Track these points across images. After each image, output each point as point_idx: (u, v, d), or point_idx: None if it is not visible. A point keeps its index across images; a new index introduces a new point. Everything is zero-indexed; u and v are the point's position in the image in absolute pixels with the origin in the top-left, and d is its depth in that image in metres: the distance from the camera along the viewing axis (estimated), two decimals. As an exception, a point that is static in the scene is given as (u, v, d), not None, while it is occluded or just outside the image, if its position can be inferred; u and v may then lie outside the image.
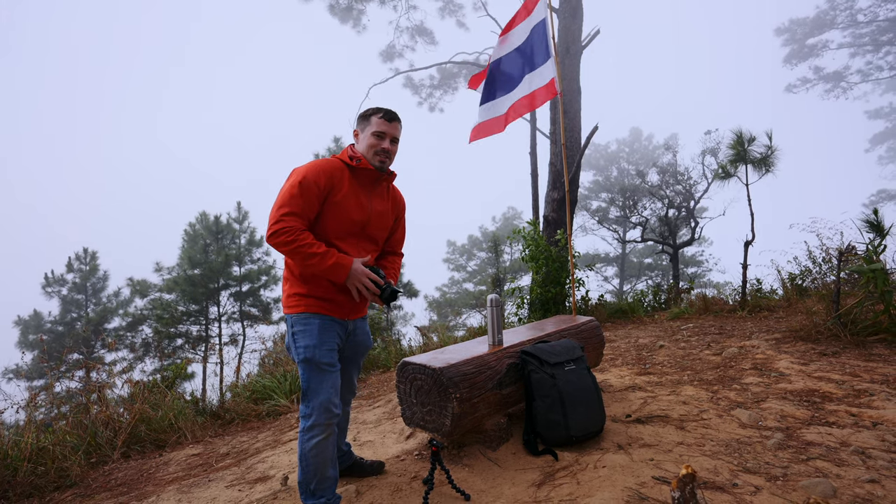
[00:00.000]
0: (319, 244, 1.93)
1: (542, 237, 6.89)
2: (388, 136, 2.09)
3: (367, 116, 2.12)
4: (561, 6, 8.86)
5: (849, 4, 21.68)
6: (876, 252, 4.02)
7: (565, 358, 2.57)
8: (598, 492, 1.95)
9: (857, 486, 1.88)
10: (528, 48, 4.36)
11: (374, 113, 2.11)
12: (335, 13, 17.06)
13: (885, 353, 3.57)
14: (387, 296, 2.00)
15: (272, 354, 6.19)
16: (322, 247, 1.92)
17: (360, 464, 2.44)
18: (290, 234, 1.88)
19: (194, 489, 2.74)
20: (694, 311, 6.34)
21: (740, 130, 6.49)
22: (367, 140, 2.09)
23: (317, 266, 1.91)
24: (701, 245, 22.66)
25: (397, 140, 2.14)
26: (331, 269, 1.91)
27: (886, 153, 32.09)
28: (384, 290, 2.00)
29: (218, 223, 14.28)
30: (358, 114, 2.17)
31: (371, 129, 2.09)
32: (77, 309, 15.14)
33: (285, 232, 1.88)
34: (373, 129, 2.08)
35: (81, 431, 3.72)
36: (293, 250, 1.88)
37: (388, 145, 2.09)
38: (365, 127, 2.11)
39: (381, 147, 2.08)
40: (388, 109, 2.12)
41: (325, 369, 1.98)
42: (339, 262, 1.92)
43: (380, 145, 2.08)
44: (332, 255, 1.92)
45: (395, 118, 2.12)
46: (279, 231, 1.88)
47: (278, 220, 1.89)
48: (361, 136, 2.13)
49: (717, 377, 3.40)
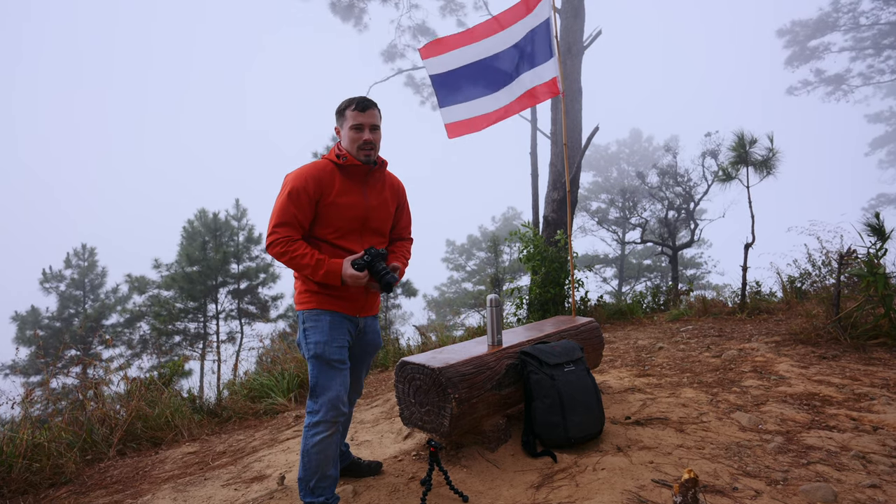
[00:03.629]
0: (311, 253, 1.93)
1: (540, 238, 6.88)
2: (366, 126, 2.05)
3: (342, 111, 2.09)
4: (563, 6, 8.84)
5: (852, 7, 21.68)
6: (877, 256, 4.01)
7: (565, 359, 2.56)
8: (597, 494, 1.93)
9: (858, 490, 1.86)
10: (528, 46, 4.30)
11: (347, 106, 2.07)
12: (336, 11, 17.03)
13: (885, 356, 3.56)
14: (383, 285, 1.97)
15: (270, 352, 6.16)
16: (313, 256, 1.92)
17: (357, 464, 2.43)
18: (283, 245, 1.93)
19: (190, 488, 2.72)
20: (693, 313, 6.33)
21: (742, 132, 6.47)
22: (347, 135, 2.06)
23: (312, 276, 1.95)
24: (700, 247, 22.66)
25: (377, 127, 2.10)
26: (324, 278, 1.94)
27: (887, 157, 32.16)
28: (380, 280, 1.96)
29: (216, 220, 14.26)
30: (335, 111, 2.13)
31: (348, 123, 2.06)
32: (75, 305, 15.11)
33: (279, 243, 1.94)
34: (349, 122, 2.05)
35: (77, 428, 3.69)
36: (287, 261, 1.94)
37: (369, 135, 2.05)
38: (343, 122, 2.09)
39: (362, 140, 2.04)
40: (360, 98, 2.07)
41: (335, 366, 1.98)
42: (329, 271, 1.93)
43: (361, 138, 2.04)
44: (322, 265, 1.92)
45: (368, 105, 2.06)
46: (273, 243, 1.95)
47: (272, 233, 1.96)
48: (342, 132, 2.10)
49: (717, 380, 3.39)
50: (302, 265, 1.92)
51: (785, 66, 24.26)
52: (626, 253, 24.60)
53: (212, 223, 14.18)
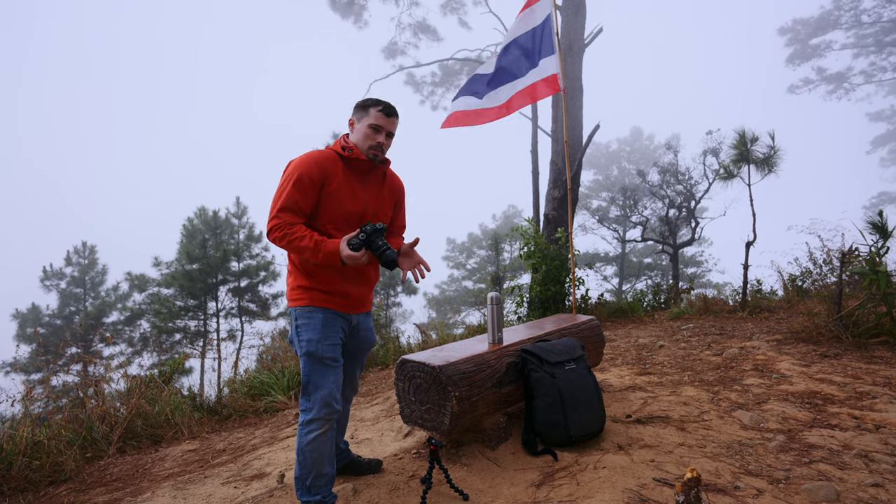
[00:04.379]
0: (310, 235, 1.91)
1: (541, 235, 6.86)
2: (384, 131, 2.07)
3: (365, 107, 2.08)
4: (564, 3, 8.81)
5: (854, 4, 21.60)
6: (879, 254, 3.99)
7: (566, 357, 2.55)
8: (598, 493, 1.92)
9: (860, 489, 1.85)
10: (528, 42, 4.27)
11: (373, 105, 2.07)
12: (336, 8, 16.99)
13: (887, 355, 3.55)
14: (383, 262, 1.94)
15: (270, 350, 6.16)
16: (312, 238, 1.90)
17: (357, 462, 2.42)
18: (283, 229, 1.91)
19: (190, 485, 2.72)
20: (694, 312, 6.32)
21: (743, 130, 6.45)
22: (362, 131, 2.06)
23: (311, 259, 1.92)
24: (701, 245, 22.64)
25: (392, 135, 2.12)
26: (324, 259, 1.90)
27: (888, 155, 32.08)
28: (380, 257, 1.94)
29: (216, 218, 14.24)
30: (356, 102, 2.13)
31: (368, 120, 2.05)
32: (75, 303, 15.12)
33: (279, 228, 1.92)
34: (370, 121, 2.05)
35: (77, 426, 3.69)
36: (287, 245, 1.92)
37: (384, 139, 2.07)
38: (362, 117, 2.08)
39: (376, 141, 2.05)
40: (387, 103, 2.08)
41: (327, 364, 1.97)
42: (329, 252, 1.89)
43: (375, 139, 2.05)
44: (322, 247, 1.89)
45: (393, 113, 2.09)
46: (274, 227, 1.93)
47: (273, 217, 1.94)
48: (357, 125, 2.10)
49: (718, 378, 3.38)
50: (301, 248, 1.89)
51: (786, 64, 24.18)
52: (626, 251, 24.57)
53: (212, 221, 14.17)
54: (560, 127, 8.60)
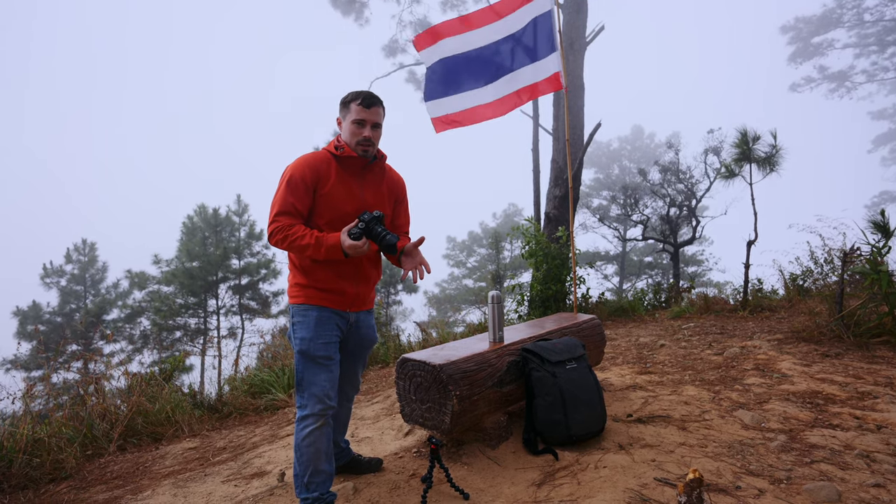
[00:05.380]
0: (310, 233, 1.91)
1: (542, 234, 6.85)
2: (368, 123, 2.04)
3: (346, 103, 2.07)
4: (566, 1, 8.78)
5: (856, 3, 21.53)
6: (881, 253, 3.98)
7: (567, 356, 2.54)
8: (599, 492, 1.92)
9: (862, 490, 1.85)
10: (528, 38, 4.18)
11: (352, 99, 2.05)
12: (337, 6, 16.94)
13: (888, 355, 3.54)
14: (384, 248, 1.94)
15: (271, 348, 6.16)
16: (312, 235, 1.91)
17: (357, 460, 2.42)
18: (282, 231, 1.93)
19: (190, 483, 2.72)
20: (695, 311, 6.31)
21: (744, 129, 6.43)
22: (348, 129, 2.05)
23: (315, 255, 1.93)
24: (702, 244, 22.62)
25: (379, 125, 2.08)
26: (327, 253, 1.91)
27: (890, 154, 31.99)
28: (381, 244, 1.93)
29: (217, 216, 14.24)
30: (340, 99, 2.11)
31: (351, 116, 2.04)
32: (76, 300, 15.12)
33: (279, 231, 1.94)
34: (352, 116, 2.04)
35: (78, 423, 3.69)
36: (288, 246, 1.93)
37: (370, 132, 2.04)
38: (346, 115, 2.07)
39: (362, 136, 2.03)
40: (366, 93, 2.05)
41: (320, 362, 1.98)
42: (331, 245, 1.89)
43: (361, 134, 2.03)
44: (323, 242, 1.89)
45: (374, 103, 2.05)
46: (274, 231, 1.95)
47: (272, 223, 1.97)
48: (344, 124, 2.09)
49: (719, 377, 3.37)
50: (303, 246, 1.90)
51: (788, 63, 24.13)
52: (627, 250, 24.57)
53: (212, 219, 14.16)
54: (561, 125, 8.58)
